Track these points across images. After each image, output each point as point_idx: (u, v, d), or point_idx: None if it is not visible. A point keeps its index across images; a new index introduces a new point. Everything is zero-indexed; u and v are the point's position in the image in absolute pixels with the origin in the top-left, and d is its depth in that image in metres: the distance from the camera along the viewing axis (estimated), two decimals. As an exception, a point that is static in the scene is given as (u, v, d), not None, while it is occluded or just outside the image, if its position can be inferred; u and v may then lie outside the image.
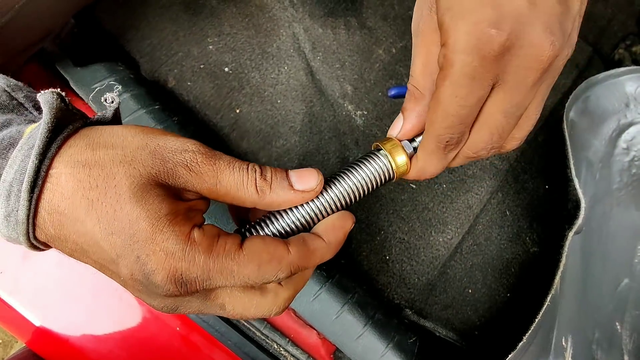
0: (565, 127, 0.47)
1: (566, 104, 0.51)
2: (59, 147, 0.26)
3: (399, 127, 0.36)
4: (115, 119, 0.31)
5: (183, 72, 0.62)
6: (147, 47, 0.61)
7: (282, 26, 0.66)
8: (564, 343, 0.44)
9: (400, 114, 0.36)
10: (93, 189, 0.26)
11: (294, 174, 0.31)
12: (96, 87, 0.49)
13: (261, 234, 0.31)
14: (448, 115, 0.30)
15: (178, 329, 0.49)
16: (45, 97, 0.27)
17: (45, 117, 0.26)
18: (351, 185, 0.32)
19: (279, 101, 0.63)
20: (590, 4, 0.86)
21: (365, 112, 0.65)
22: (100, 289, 0.51)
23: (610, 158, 0.52)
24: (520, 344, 0.38)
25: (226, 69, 0.63)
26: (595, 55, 0.80)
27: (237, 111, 0.61)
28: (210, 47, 0.63)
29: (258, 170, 0.29)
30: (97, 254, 0.27)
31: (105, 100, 0.31)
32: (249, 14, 0.65)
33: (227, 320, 0.45)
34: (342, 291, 0.43)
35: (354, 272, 0.55)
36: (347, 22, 0.68)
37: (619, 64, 0.79)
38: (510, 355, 0.38)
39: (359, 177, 0.33)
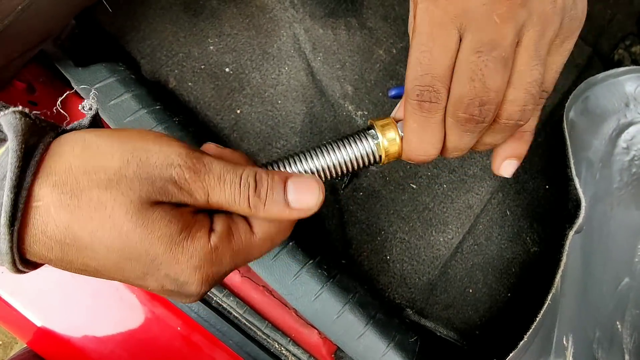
0: (565, 126, 0.47)
1: (566, 104, 0.51)
2: (35, 173, 0.25)
3: (398, 107, 0.35)
4: (94, 126, 0.30)
5: (184, 73, 0.62)
6: (147, 48, 0.61)
7: (282, 27, 0.66)
8: (564, 342, 0.44)
9: None
10: (89, 222, 0.25)
11: (292, 189, 0.29)
12: (98, 87, 0.49)
13: None
14: (412, 66, 0.29)
15: (179, 328, 0.49)
16: (7, 119, 0.25)
17: (12, 143, 0.24)
18: (337, 159, 0.33)
19: (279, 102, 0.63)
20: (589, 5, 0.86)
21: (366, 113, 0.65)
22: (101, 289, 0.51)
23: (611, 158, 0.52)
24: (521, 342, 0.38)
25: (227, 70, 0.63)
26: (594, 55, 0.80)
27: (238, 112, 0.62)
28: (211, 47, 0.63)
29: (252, 185, 0.28)
30: (119, 274, 0.27)
31: (83, 107, 0.29)
32: (250, 14, 0.65)
33: (228, 320, 0.45)
34: (343, 291, 0.43)
35: (355, 272, 0.56)
36: (347, 22, 0.68)
37: (619, 64, 0.80)
38: (511, 354, 0.38)
39: (345, 152, 0.32)
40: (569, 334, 0.44)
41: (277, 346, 0.46)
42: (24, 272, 0.27)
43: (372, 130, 0.34)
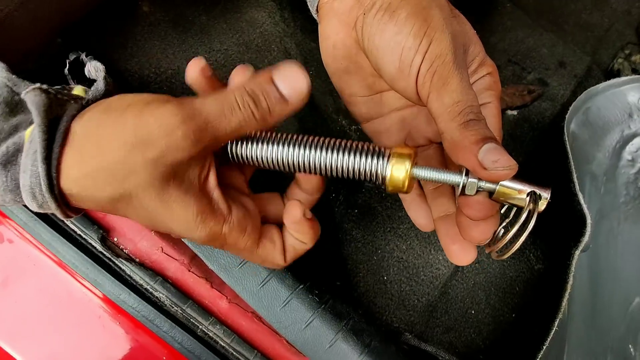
0: (566, 139, 0.45)
1: (566, 116, 0.49)
2: (62, 145, 0.28)
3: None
4: (108, 90, 0.32)
5: (173, 90, 0.60)
6: (135, 65, 0.60)
7: (273, 41, 0.65)
8: (574, 369, 0.42)
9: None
10: (121, 203, 0.29)
11: (281, 83, 0.30)
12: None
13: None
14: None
15: (164, 358, 0.46)
16: (30, 97, 0.27)
17: (37, 119, 0.27)
18: (336, 163, 0.32)
19: (270, 117, 0.61)
20: (587, 14, 0.85)
21: (360, 127, 0.63)
22: (84, 318, 0.48)
23: (615, 171, 0.50)
24: (528, 372, 0.35)
25: (216, 86, 0.61)
26: (593, 65, 0.78)
27: (228, 128, 0.60)
28: (200, 64, 0.62)
29: (251, 103, 0.29)
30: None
31: (89, 72, 0.32)
32: (240, 30, 0.64)
33: (214, 350, 0.43)
34: (335, 318, 0.40)
35: (350, 294, 0.53)
36: (339, 36, 0.67)
37: (618, 74, 0.78)
38: (517, 386, 0.35)
39: (347, 162, 0.31)
40: (579, 360, 0.42)
41: (267, 377, 0.43)
42: (76, 215, 0.31)
43: (387, 153, 0.32)
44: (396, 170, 0.30)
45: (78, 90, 0.33)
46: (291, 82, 0.30)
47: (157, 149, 0.27)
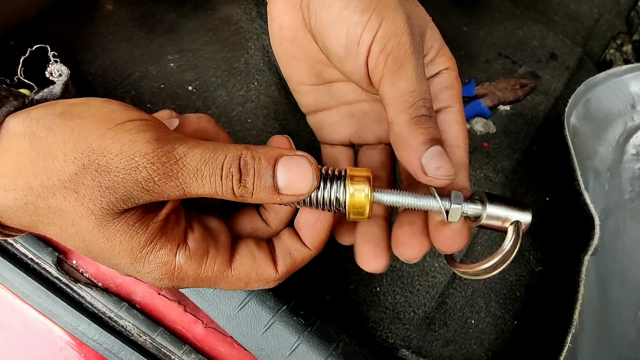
0: (567, 134, 0.42)
1: (566, 109, 0.46)
2: None
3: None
4: (65, 94, 0.28)
5: (141, 94, 0.56)
6: (99, 68, 0.55)
7: (250, 39, 0.60)
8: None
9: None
10: (52, 225, 0.25)
11: (282, 173, 0.26)
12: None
13: None
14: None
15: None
16: None
17: None
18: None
19: (249, 120, 0.57)
20: (576, 4, 0.82)
21: (345, 128, 0.59)
22: (43, 349, 0.43)
23: (619, 166, 0.47)
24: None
25: (189, 88, 0.57)
26: (585, 56, 0.76)
27: (203, 134, 0.55)
28: (171, 65, 0.57)
29: (236, 176, 0.25)
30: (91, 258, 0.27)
31: (51, 74, 0.28)
32: (213, 27, 0.60)
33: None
34: (323, 341, 0.36)
35: (341, 309, 0.49)
36: (320, 32, 0.63)
37: (610, 64, 0.76)
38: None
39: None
40: (591, 374, 0.38)
41: (250, 410, 0.38)
42: (11, 236, 0.28)
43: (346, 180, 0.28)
44: (356, 196, 0.27)
45: (24, 91, 0.29)
46: (294, 177, 0.26)
47: (111, 179, 0.23)
